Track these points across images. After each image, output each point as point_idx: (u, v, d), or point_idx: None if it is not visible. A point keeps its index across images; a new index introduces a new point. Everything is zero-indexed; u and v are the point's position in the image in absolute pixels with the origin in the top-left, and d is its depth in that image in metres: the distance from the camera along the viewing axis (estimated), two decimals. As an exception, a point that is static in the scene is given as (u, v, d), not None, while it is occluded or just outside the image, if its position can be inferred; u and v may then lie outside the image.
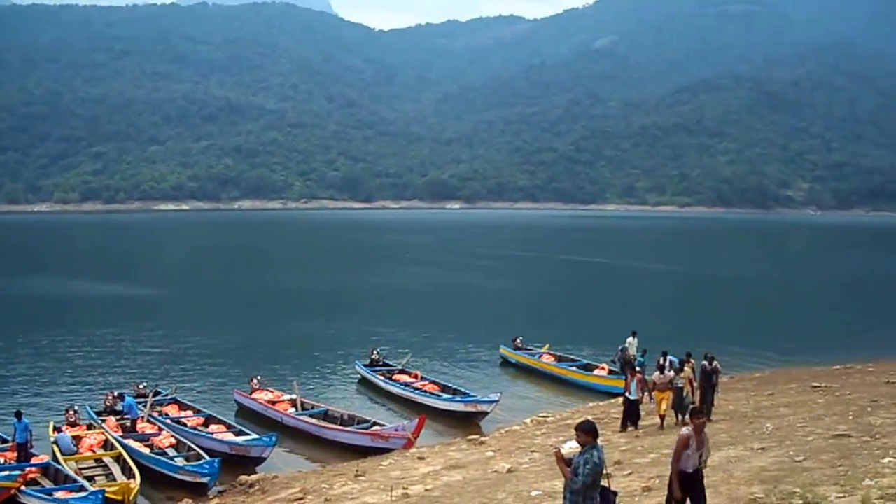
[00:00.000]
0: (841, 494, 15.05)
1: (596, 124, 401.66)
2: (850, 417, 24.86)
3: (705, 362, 27.90)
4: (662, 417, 27.35)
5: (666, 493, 13.36)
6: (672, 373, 27.34)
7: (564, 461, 11.40)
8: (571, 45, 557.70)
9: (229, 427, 29.61)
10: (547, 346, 43.59)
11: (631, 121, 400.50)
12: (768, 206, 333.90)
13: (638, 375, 27.70)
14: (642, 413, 28.05)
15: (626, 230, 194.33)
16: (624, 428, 27.28)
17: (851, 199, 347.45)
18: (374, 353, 40.05)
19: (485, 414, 31.91)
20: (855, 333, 54.21)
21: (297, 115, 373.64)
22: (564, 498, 11.33)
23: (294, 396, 32.63)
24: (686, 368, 27.48)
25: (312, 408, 32.04)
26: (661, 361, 28.95)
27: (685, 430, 12.94)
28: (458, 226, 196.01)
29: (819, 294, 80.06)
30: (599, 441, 11.49)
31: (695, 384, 27.33)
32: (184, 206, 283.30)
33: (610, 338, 45.12)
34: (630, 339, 36.81)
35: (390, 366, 39.27)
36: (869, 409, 26.31)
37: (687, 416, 25.61)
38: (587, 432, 11.14)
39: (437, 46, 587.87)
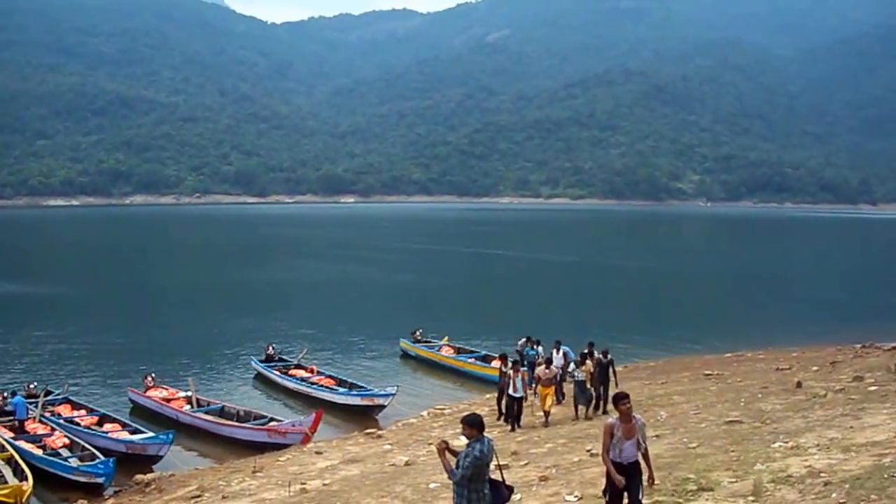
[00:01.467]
0: (733, 479, 15.29)
1: (489, 118, 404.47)
2: (742, 404, 25.22)
3: (600, 355, 27.68)
4: (547, 413, 26.60)
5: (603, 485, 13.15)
6: (558, 367, 27.45)
7: (452, 453, 11.32)
8: (465, 39, 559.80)
9: (124, 426, 28.91)
10: (446, 338, 43.46)
11: (524, 114, 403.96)
12: (660, 198, 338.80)
13: (522, 371, 27.28)
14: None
15: (521, 222, 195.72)
16: (511, 426, 26.34)
17: (740, 191, 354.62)
18: (270, 348, 39.59)
19: (382, 407, 31.82)
20: (746, 322, 55.24)
21: (190, 109, 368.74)
22: (453, 491, 11.25)
23: (189, 393, 32.13)
24: (588, 361, 27.15)
25: (208, 405, 31.56)
26: (554, 353, 29.09)
27: (610, 419, 12.59)
28: (354, 220, 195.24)
29: (710, 284, 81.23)
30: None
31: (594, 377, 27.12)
32: (74, 202, 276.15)
33: (508, 329, 45.50)
34: (539, 349, 35.81)
35: (286, 361, 38.87)
36: (759, 395, 26.73)
37: (590, 410, 26.74)
38: (471, 425, 10.91)
39: (330, 40, 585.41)
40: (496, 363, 32.49)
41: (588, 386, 26.93)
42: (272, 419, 29.46)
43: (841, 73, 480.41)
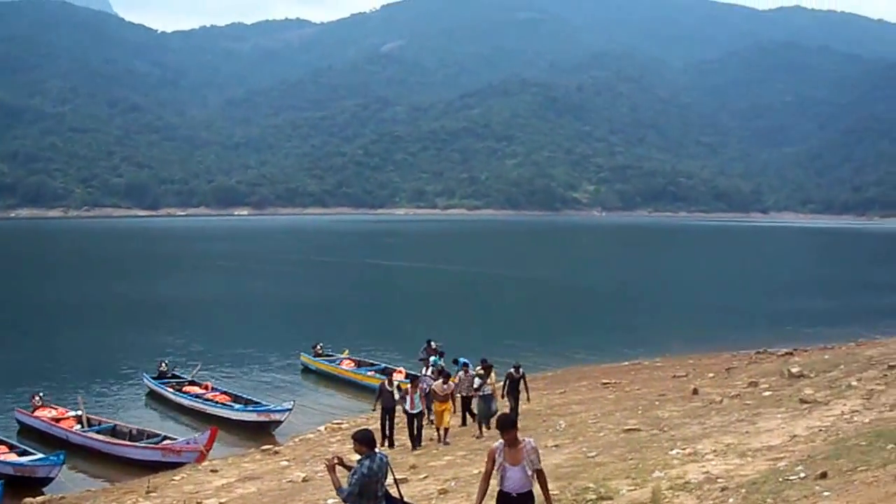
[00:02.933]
0: (632, 487, 15.42)
1: (385, 129, 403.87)
2: (640, 412, 25.58)
3: (512, 370, 26.81)
4: (445, 432, 25.57)
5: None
6: (455, 382, 26.84)
7: (347, 468, 11.13)
8: (359, 49, 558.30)
9: (12, 447, 27.62)
10: (346, 351, 43.15)
11: (419, 125, 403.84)
12: (556, 208, 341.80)
13: (421, 386, 25.85)
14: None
15: (419, 234, 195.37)
16: (412, 445, 25.16)
17: (635, 201, 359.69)
18: (163, 364, 38.68)
19: (278, 423, 31.29)
20: (643, 330, 55.51)
21: (78, 120, 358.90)
22: None
23: (79, 413, 31.20)
24: (493, 375, 26.67)
25: (99, 424, 30.63)
26: (456, 367, 28.76)
27: (495, 444, 11.88)
28: (249, 233, 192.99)
29: (607, 293, 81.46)
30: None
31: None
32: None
33: (409, 340, 45.08)
34: (431, 359, 35.13)
35: (180, 377, 38.04)
36: (657, 402, 27.19)
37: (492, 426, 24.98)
38: (360, 441, 10.95)
39: (223, 49, 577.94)
40: (398, 375, 32.15)
41: (495, 400, 26.20)
42: (166, 437, 28.77)
43: (732, 85, 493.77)
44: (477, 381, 26.44)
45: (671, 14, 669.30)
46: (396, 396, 25.69)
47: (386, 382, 26.39)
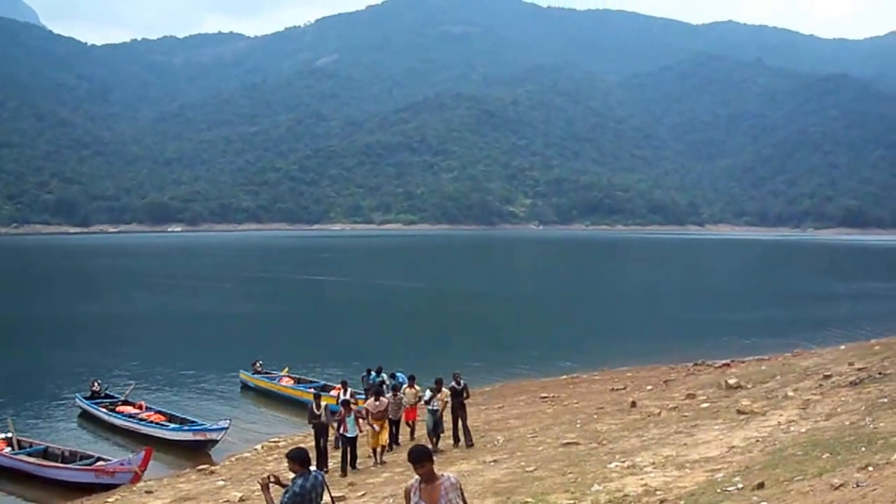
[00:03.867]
0: (571, 501, 15.67)
1: (319, 143, 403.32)
2: (578, 425, 25.59)
3: (454, 383, 25.58)
4: (381, 450, 24.67)
5: None
6: (390, 397, 26.14)
7: (283, 486, 10.98)
8: (293, 64, 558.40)
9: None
10: (286, 368, 42.73)
11: (354, 139, 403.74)
12: (492, 222, 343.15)
13: (354, 408, 24.68)
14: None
15: (355, 248, 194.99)
16: (342, 470, 23.84)
17: (571, 214, 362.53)
18: (95, 384, 37.78)
19: (214, 442, 30.74)
20: (581, 344, 55.41)
21: (4, 135, 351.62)
22: None
23: (9, 434, 30.43)
24: (444, 389, 25.11)
25: (30, 445, 29.74)
26: (388, 382, 28.38)
27: (410, 481, 10.64)
28: (183, 249, 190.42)
29: (544, 306, 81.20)
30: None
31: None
32: None
33: (348, 355, 44.99)
34: (371, 376, 34.49)
35: (113, 397, 37.16)
36: (595, 416, 27.24)
37: (438, 443, 25.03)
38: (293, 460, 10.91)
39: (154, 63, 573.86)
40: (335, 392, 31.72)
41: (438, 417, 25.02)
42: (99, 458, 28.10)
43: (666, 98, 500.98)
44: (427, 393, 25.48)
45: (605, 28, 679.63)
46: (324, 418, 24.80)
47: (314, 405, 25.23)
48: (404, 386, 27.71)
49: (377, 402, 24.71)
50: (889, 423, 17.86)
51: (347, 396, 27.62)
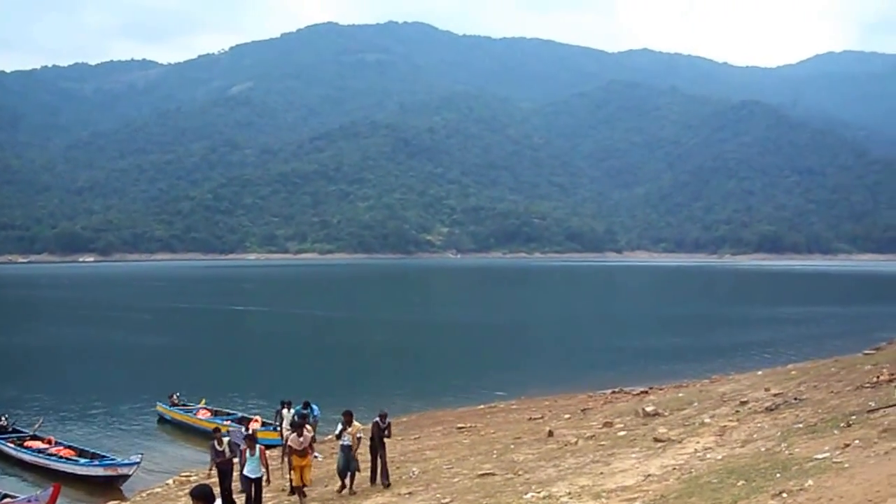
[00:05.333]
0: None
1: (234, 172, 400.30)
2: (495, 456, 25.38)
3: (378, 419, 23.96)
4: (301, 491, 22.99)
5: None
6: (311, 431, 24.70)
7: None
8: (207, 91, 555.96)
9: None
10: (203, 400, 41.99)
11: (269, 168, 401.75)
12: (409, 251, 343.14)
13: (260, 447, 22.16)
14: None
15: (271, 278, 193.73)
16: None
17: (489, 242, 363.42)
18: (3, 419, 36.72)
19: (126, 477, 29.91)
20: (499, 373, 54.92)
21: None
22: None
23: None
24: (356, 423, 23.39)
25: (-68, 485, 29.19)
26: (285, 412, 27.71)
27: None
28: (96, 280, 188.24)
29: (463, 335, 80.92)
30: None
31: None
32: None
33: (266, 386, 44.45)
34: (284, 412, 33.45)
35: (21, 432, 36.28)
36: (512, 446, 27.03)
37: (354, 482, 23.41)
38: (196, 497, 10.53)
39: (65, 90, 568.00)
40: (255, 424, 31.09)
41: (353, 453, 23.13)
42: (6, 496, 27.14)
43: (582, 126, 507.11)
44: (338, 427, 23.68)
45: (520, 56, 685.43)
46: (227, 454, 23.47)
47: (216, 442, 23.71)
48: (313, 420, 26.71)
49: (300, 438, 22.87)
50: (804, 449, 17.97)
51: (251, 431, 26.38)
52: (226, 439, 24.06)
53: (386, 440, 24.20)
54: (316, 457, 24.05)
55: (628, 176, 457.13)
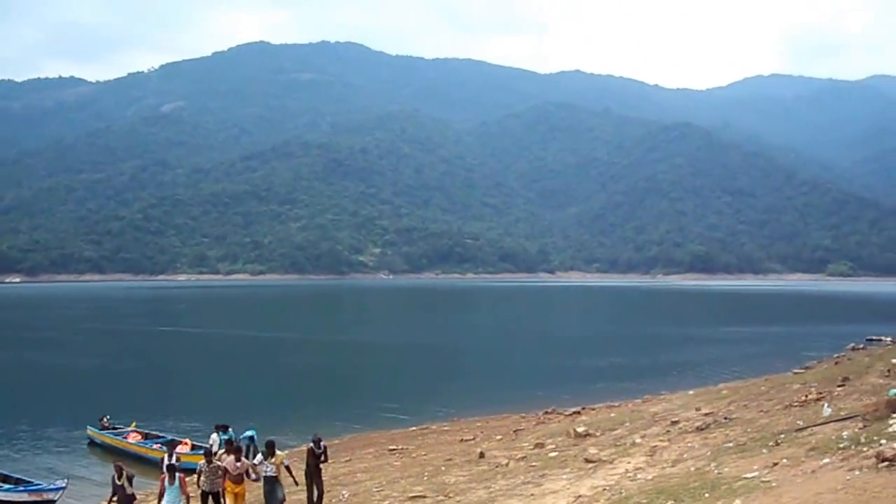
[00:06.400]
0: None
1: (164, 192, 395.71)
2: (426, 478, 25.42)
3: (312, 444, 23.07)
4: None
5: None
6: (253, 459, 23.58)
7: None
8: (137, 110, 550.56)
9: None
10: (134, 423, 41.34)
11: (200, 188, 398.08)
12: (342, 272, 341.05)
13: (180, 475, 20.70)
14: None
15: (202, 299, 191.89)
16: None
17: (422, 263, 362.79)
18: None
19: (52, 502, 29.55)
20: (431, 394, 55.05)
21: None
22: None
23: None
24: (279, 452, 22.08)
25: None
26: (245, 443, 27.25)
27: None
28: (23, 301, 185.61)
29: (395, 356, 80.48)
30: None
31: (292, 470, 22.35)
32: None
33: (197, 409, 43.81)
34: (213, 436, 30.47)
35: (-57, 458, 35.72)
36: (443, 468, 27.11)
37: None
38: None
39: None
40: (184, 447, 30.66)
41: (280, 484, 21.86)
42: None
43: (515, 146, 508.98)
44: (259, 457, 22.33)
45: (453, 76, 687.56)
46: (127, 489, 21.33)
47: (115, 475, 21.61)
48: (220, 451, 25.59)
49: (238, 463, 21.79)
50: (733, 468, 18.08)
51: (173, 460, 24.03)
52: (127, 472, 21.84)
53: (322, 465, 23.44)
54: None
55: (561, 196, 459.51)
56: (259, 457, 22.40)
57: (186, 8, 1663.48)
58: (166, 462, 23.22)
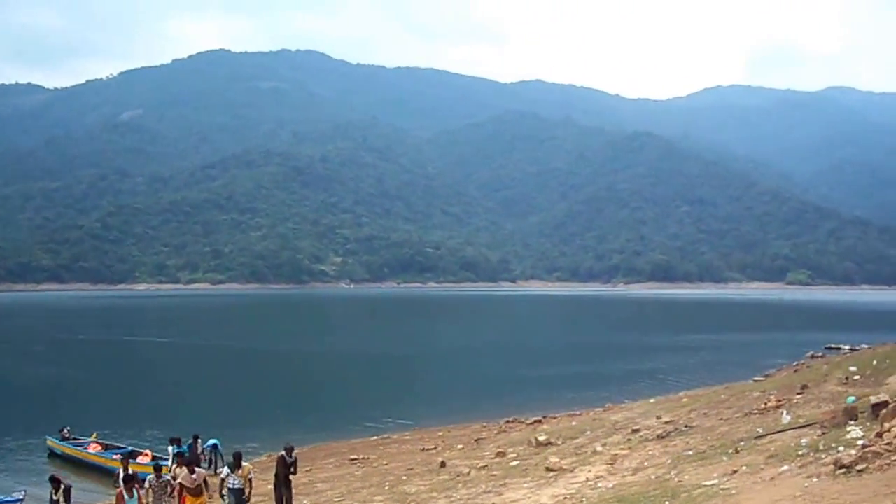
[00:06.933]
0: None
1: (123, 200, 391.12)
2: (387, 487, 25.53)
3: (283, 453, 23.08)
4: None
5: None
6: (218, 469, 23.23)
7: None
8: (96, 117, 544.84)
9: None
10: (94, 434, 40.93)
11: (160, 196, 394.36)
12: (303, 281, 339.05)
13: (138, 485, 20.20)
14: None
15: (159, 309, 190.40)
16: None
17: (383, 272, 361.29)
18: None
19: (9, 514, 29.24)
20: (393, 403, 54.98)
21: None
22: None
23: None
24: (245, 465, 22.08)
25: None
26: (202, 452, 26.92)
27: None
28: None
29: (356, 365, 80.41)
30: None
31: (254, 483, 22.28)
32: None
33: (158, 420, 43.52)
34: (170, 448, 30.27)
35: None
36: (404, 477, 27.26)
37: None
38: None
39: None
40: (144, 458, 30.42)
41: (246, 495, 21.76)
42: None
43: (476, 155, 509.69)
44: (225, 470, 22.30)
45: (414, 85, 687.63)
46: None
47: (52, 489, 21.64)
48: (173, 466, 24.55)
49: (193, 475, 21.30)
50: (693, 476, 18.14)
51: (130, 472, 23.22)
52: (65, 485, 22.01)
53: (292, 477, 23.21)
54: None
55: (522, 205, 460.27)
56: (225, 469, 22.26)
57: (145, 15, 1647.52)
58: (122, 474, 22.88)
